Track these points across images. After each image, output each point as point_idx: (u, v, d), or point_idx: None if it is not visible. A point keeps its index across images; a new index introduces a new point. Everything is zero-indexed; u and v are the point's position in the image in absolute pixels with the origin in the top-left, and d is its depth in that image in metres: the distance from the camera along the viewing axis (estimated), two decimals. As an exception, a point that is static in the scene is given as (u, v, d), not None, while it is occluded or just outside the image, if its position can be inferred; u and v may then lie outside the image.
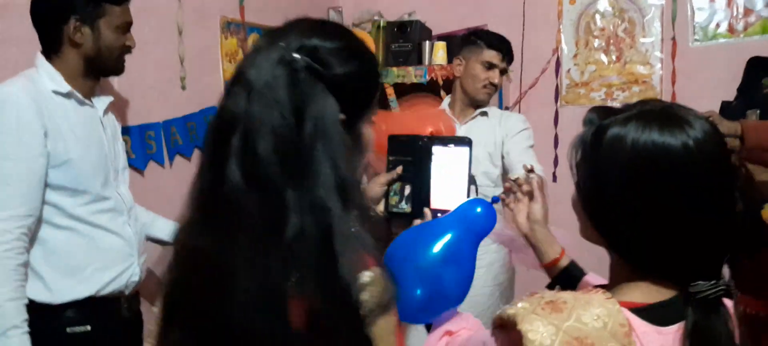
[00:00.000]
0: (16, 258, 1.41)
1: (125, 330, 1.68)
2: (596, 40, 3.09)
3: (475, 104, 2.35)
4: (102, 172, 1.61)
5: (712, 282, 0.81)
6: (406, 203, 1.28)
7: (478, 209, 1.16)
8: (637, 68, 3.02)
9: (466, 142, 1.30)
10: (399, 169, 1.31)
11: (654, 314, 0.83)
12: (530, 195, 1.24)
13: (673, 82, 2.94)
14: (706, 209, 0.83)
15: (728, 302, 0.85)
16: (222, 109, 0.82)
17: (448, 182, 1.28)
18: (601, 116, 0.89)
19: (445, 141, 1.31)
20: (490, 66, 2.32)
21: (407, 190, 1.27)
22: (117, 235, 1.63)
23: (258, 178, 0.77)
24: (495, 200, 1.26)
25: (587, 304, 0.81)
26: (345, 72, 0.84)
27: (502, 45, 2.35)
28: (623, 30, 3.03)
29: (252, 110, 0.78)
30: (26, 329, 1.41)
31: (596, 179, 0.87)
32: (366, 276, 0.79)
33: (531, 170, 1.28)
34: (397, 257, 1.08)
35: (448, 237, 1.11)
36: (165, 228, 1.86)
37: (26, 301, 1.43)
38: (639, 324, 0.81)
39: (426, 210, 1.25)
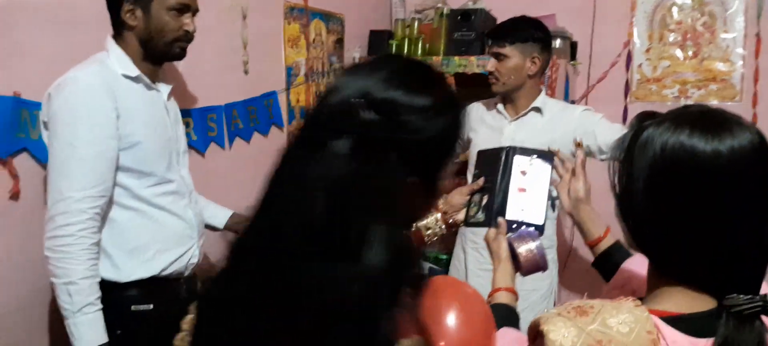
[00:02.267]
0: (90, 237, 1.45)
1: (183, 310, 1.72)
2: (671, 34, 2.92)
3: (514, 100, 2.24)
4: (166, 155, 1.64)
5: (749, 297, 0.77)
6: (482, 213, 1.27)
7: None
8: (716, 65, 2.84)
9: (548, 157, 1.28)
10: (480, 180, 1.31)
11: (688, 325, 0.80)
12: (573, 172, 1.25)
13: (756, 82, 2.76)
14: (739, 221, 0.78)
15: None
16: (290, 154, 0.75)
17: (529, 194, 1.27)
18: (644, 119, 0.86)
19: (527, 152, 1.29)
20: (490, 55, 2.23)
21: (485, 200, 1.24)
22: (179, 217, 1.67)
23: (312, 241, 0.70)
24: (539, 229, 1.23)
25: (615, 309, 0.79)
26: (425, 137, 0.73)
27: (493, 30, 2.24)
28: (702, 24, 2.85)
29: (316, 166, 0.71)
30: (99, 306, 1.46)
31: (629, 183, 0.84)
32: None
33: (579, 145, 1.26)
34: None
35: None
36: (217, 214, 1.90)
37: (99, 279, 1.48)
38: (670, 333, 0.78)
39: (500, 220, 1.23)
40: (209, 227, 1.88)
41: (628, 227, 0.86)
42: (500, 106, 2.29)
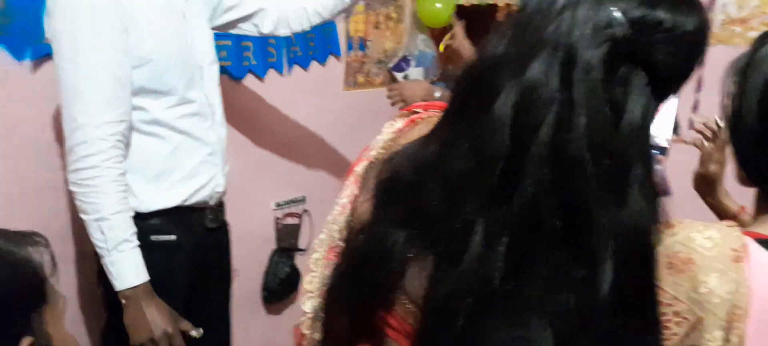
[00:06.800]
0: (116, 167, 1.32)
1: (209, 241, 1.62)
2: (765, -30, 2.68)
3: None
4: (187, 70, 1.45)
5: None
6: None
7: None
8: (812, 6, 2.59)
9: None
10: None
11: None
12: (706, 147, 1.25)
13: None
14: None
15: None
16: (527, 79, 0.62)
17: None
18: (766, 37, 0.81)
19: None
20: None
21: None
22: (202, 141, 1.51)
23: (566, 190, 0.60)
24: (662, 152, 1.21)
25: (704, 227, 0.75)
26: (675, 63, 0.65)
27: None
28: (801, -41, 2.59)
29: (569, 95, 0.60)
30: (136, 242, 1.35)
31: (741, 101, 0.80)
32: None
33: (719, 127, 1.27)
34: None
35: None
36: None
37: (132, 212, 1.37)
38: (760, 254, 0.74)
39: None
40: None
41: (737, 149, 0.82)
42: None
